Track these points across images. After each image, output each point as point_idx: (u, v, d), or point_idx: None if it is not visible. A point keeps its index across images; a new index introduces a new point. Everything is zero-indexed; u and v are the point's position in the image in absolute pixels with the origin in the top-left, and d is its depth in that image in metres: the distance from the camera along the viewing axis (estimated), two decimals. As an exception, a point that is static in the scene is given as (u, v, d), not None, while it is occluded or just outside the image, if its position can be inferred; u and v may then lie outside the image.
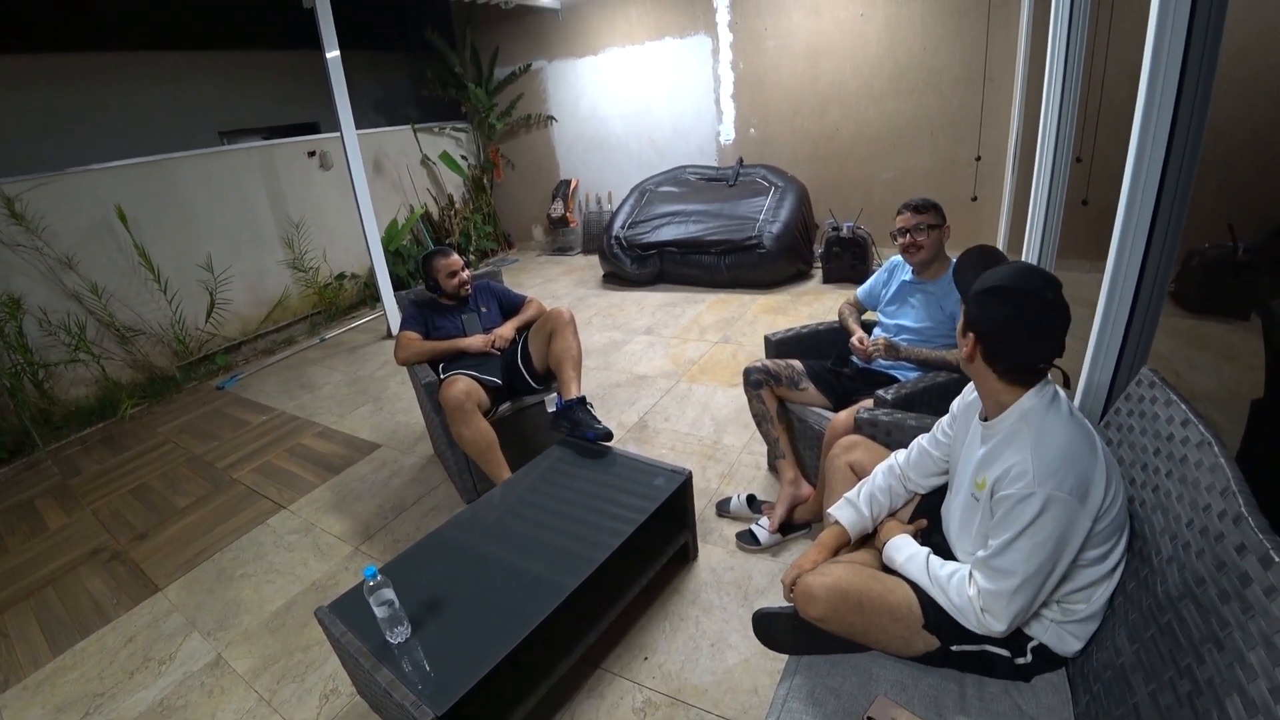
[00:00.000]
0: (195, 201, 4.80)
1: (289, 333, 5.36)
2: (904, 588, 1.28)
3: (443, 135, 7.09)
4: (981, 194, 4.88)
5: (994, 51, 4.65)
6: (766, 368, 2.38)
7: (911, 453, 1.59)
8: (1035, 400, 1.22)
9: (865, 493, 1.56)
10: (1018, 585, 1.14)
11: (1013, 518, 1.14)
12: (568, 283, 6.13)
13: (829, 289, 5.10)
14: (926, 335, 2.29)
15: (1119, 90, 3.41)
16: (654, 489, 2.01)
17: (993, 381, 1.25)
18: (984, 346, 1.23)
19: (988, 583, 1.17)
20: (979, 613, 1.18)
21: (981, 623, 1.19)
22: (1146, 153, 2.01)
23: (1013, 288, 1.18)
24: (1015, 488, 1.14)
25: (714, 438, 3.03)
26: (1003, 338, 1.21)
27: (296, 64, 6.28)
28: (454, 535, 1.91)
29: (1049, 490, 1.10)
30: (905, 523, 1.57)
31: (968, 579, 1.22)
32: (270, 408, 4.01)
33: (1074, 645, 1.23)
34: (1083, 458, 1.14)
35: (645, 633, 1.95)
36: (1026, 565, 1.13)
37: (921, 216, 2.20)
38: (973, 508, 1.31)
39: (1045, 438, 1.16)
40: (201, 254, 4.80)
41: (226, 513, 2.89)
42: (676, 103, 6.26)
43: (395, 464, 3.11)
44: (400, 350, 2.71)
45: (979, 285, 1.24)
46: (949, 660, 1.27)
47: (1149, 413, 1.36)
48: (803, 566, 1.42)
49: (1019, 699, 1.22)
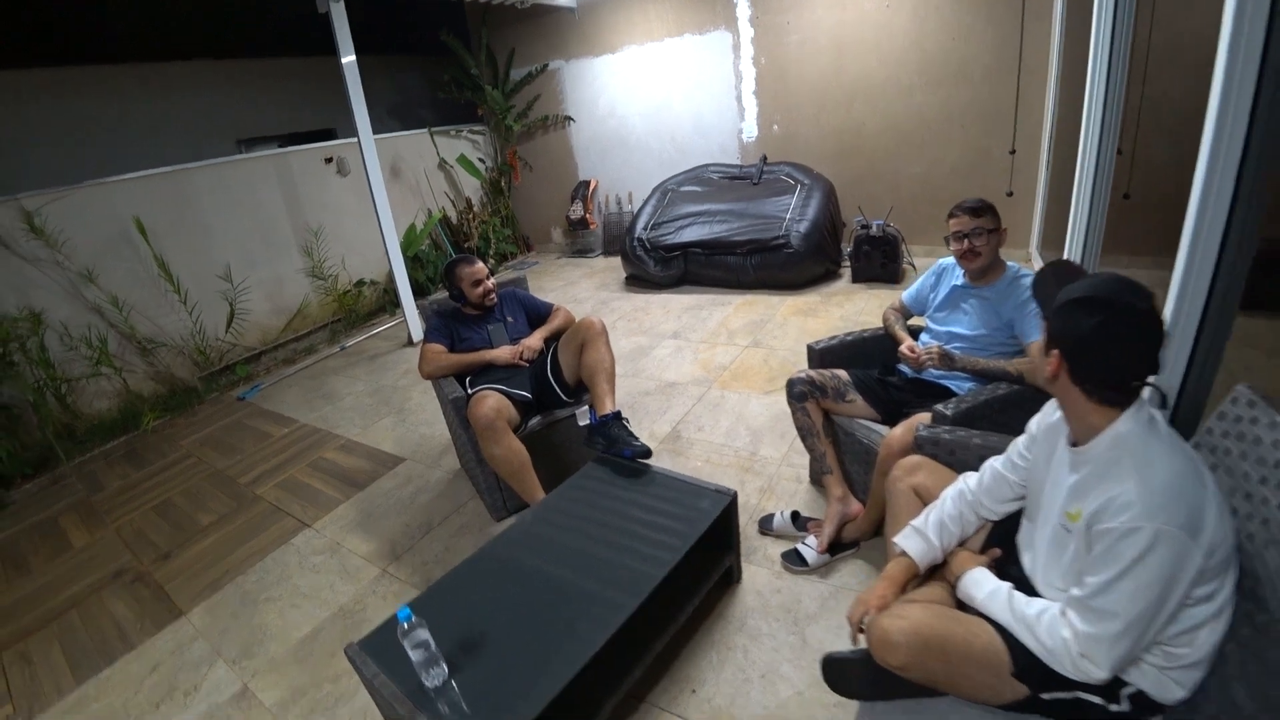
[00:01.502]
0: (213, 211, 4.76)
1: (309, 341, 5.31)
2: (989, 631, 1.17)
3: (459, 138, 7.02)
4: (1017, 188, 4.70)
5: (1028, 40, 4.46)
6: (811, 379, 2.26)
7: (984, 476, 1.46)
8: (1132, 423, 1.10)
9: (934, 520, 1.44)
10: (1122, 629, 1.02)
11: (1115, 554, 1.02)
12: (589, 286, 6.03)
13: (859, 289, 4.95)
14: (981, 344, 2.15)
15: (1162, 79, 3.24)
16: (698, 511, 1.90)
17: (1081, 402, 1.14)
18: (1071, 364, 1.12)
19: (1087, 625, 1.06)
20: (1076, 657, 1.06)
21: (1079, 668, 1.07)
22: (1223, 143, 1.86)
23: (1101, 298, 1.08)
24: (1119, 521, 1.03)
25: (751, 449, 2.91)
26: (1092, 353, 1.10)
27: (312, 70, 6.26)
28: (488, 563, 1.81)
29: (1158, 524, 0.99)
30: (977, 552, 1.45)
31: (1060, 619, 1.10)
32: (292, 419, 3.95)
33: (1177, 693, 1.10)
34: (1192, 487, 1.03)
35: (690, 663, 1.84)
36: (1131, 607, 1.01)
37: (979, 220, 2.05)
38: (1063, 540, 1.19)
39: (1150, 465, 1.05)
40: (220, 264, 4.76)
41: (250, 531, 2.82)
42: (697, 100, 6.13)
43: (421, 479, 3.03)
44: (425, 364, 2.62)
45: (1063, 297, 1.13)
46: (1037, 708, 1.15)
47: (1249, 434, 1.21)
48: (870, 604, 1.32)
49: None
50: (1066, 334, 1.11)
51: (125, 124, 5.12)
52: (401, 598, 2.24)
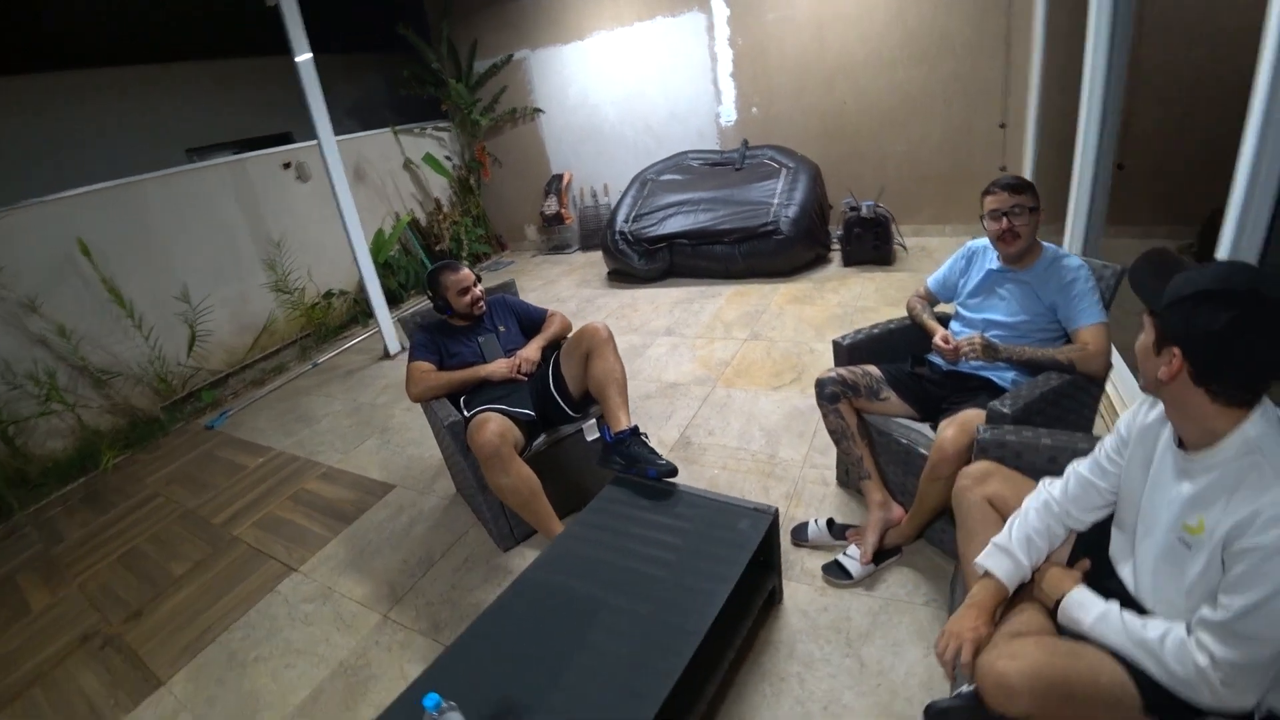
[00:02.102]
0: (165, 226, 4.41)
1: (279, 359, 4.99)
2: (1111, 664, 1.04)
3: (424, 136, 6.70)
4: (1009, 163, 4.59)
5: (1016, 12, 4.34)
6: (842, 378, 2.08)
7: (1069, 484, 1.32)
8: (1263, 425, 0.98)
9: (1019, 536, 1.29)
10: (1274, 653, 0.92)
11: (1264, 573, 0.91)
12: (570, 283, 5.80)
13: (851, 273, 4.81)
14: (1022, 330, 2.00)
15: (1152, 47, 3.13)
16: (739, 533, 1.71)
17: (1204, 405, 1.01)
18: (1196, 364, 0.99)
19: (1230, 650, 0.94)
20: (1216, 686, 0.95)
21: (1219, 698, 0.95)
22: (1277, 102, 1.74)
23: (1236, 290, 0.95)
24: (1268, 537, 0.90)
25: (768, 451, 2.74)
26: (1226, 352, 0.96)
27: (263, 71, 5.88)
28: (512, 613, 1.60)
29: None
30: (1065, 565, 1.30)
31: (1189, 644, 0.98)
32: (266, 447, 3.67)
33: None
34: None
35: (744, 701, 1.66)
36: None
37: (1019, 198, 1.89)
38: (1179, 555, 1.06)
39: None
40: (177, 283, 4.42)
41: (230, 579, 2.56)
42: (672, 85, 5.91)
43: (414, 507, 2.80)
44: (413, 385, 2.38)
45: (1183, 290, 1.00)
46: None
47: None
48: (965, 637, 1.17)
49: None
50: (1193, 331, 0.99)
51: (62, 137, 4.73)
52: (408, 648, 2.02)
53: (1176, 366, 1.00)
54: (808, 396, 3.11)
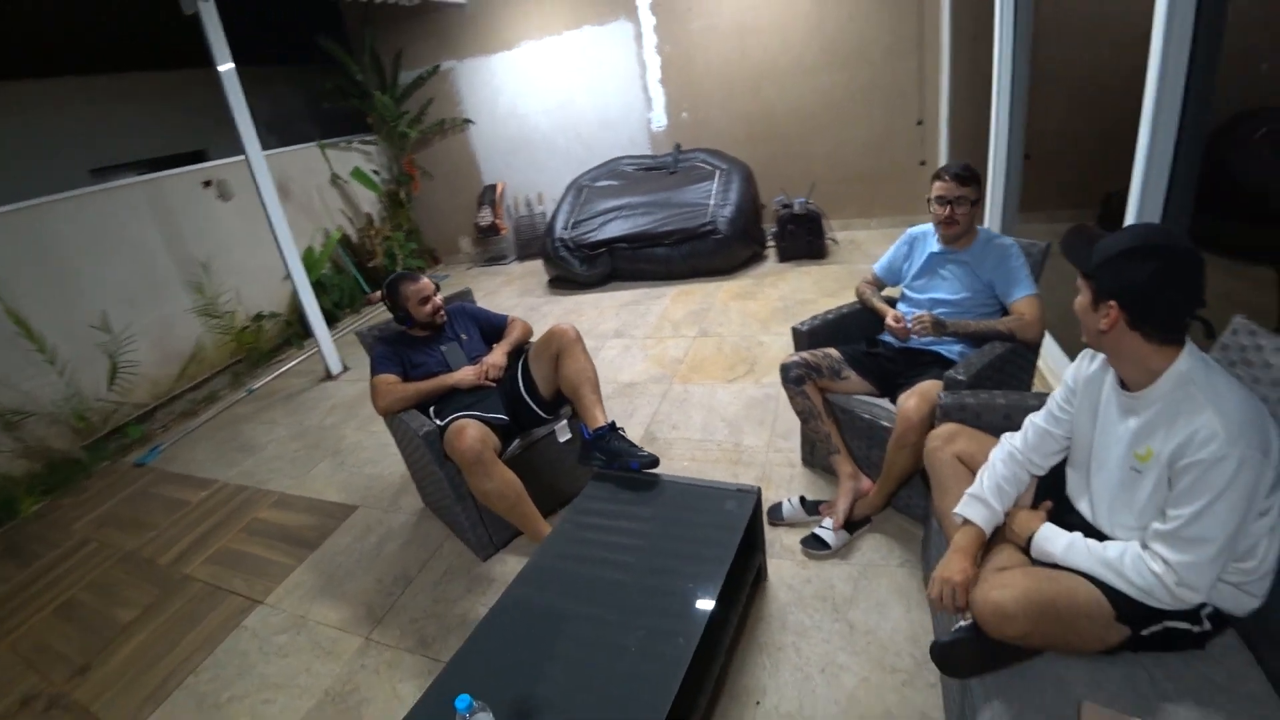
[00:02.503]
0: (76, 252, 4.09)
1: (209, 388, 4.71)
2: (1084, 583, 1.18)
3: (351, 150, 6.49)
4: (928, 158, 4.90)
5: (926, 18, 4.65)
6: (805, 360, 2.19)
7: (1027, 434, 1.47)
8: (1190, 360, 1.15)
9: (990, 485, 1.42)
10: (1216, 552, 1.08)
11: (1205, 483, 1.07)
12: (511, 293, 5.76)
13: (787, 268, 5.01)
14: (965, 306, 2.17)
15: (1049, 49, 3.47)
16: (726, 514, 1.77)
17: (1141, 347, 1.18)
18: (1130, 311, 1.15)
19: (1181, 554, 1.09)
20: (1173, 587, 1.10)
21: (1177, 597, 1.11)
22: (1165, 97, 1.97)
23: (1151, 244, 1.14)
24: (1206, 452, 1.07)
25: (732, 440, 2.82)
26: (1152, 297, 1.14)
27: (171, 86, 5.56)
28: (512, 616, 1.59)
29: (1242, 450, 1.05)
30: (1030, 508, 1.44)
31: (1144, 555, 1.14)
32: (209, 480, 3.46)
33: (1251, 604, 1.17)
34: (1258, 411, 1.09)
35: (746, 674, 1.72)
36: (1223, 530, 1.07)
37: (964, 189, 2.05)
38: (1133, 481, 1.22)
39: (1221, 396, 1.10)
40: (92, 312, 4.10)
41: (188, 621, 2.41)
42: (602, 93, 5.99)
43: (381, 526, 2.72)
44: (380, 399, 2.33)
45: (1108, 251, 1.17)
46: (1138, 646, 1.18)
47: (1258, 360, 1.30)
48: (955, 580, 1.29)
49: (1204, 669, 1.16)
50: (1124, 283, 1.15)
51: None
52: (398, 667, 1.97)
53: (1114, 317, 1.16)
54: (763, 386, 3.23)
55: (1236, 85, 2.05)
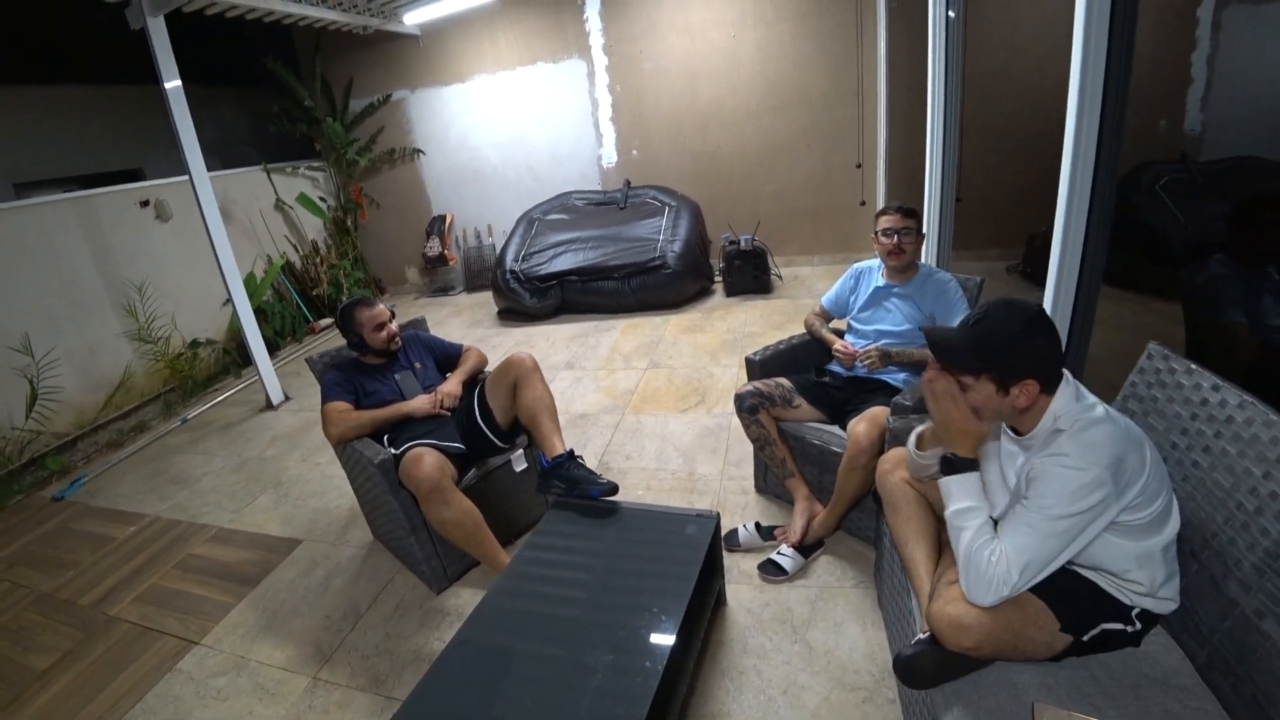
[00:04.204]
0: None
1: (138, 417, 4.46)
2: (1031, 597, 1.25)
3: (297, 175, 6.37)
4: (867, 198, 5.19)
5: (865, 68, 4.97)
6: (759, 390, 2.28)
7: None
8: (1062, 398, 1.28)
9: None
10: (1031, 547, 1.21)
11: (1046, 477, 1.22)
12: (459, 324, 5.72)
13: (734, 301, 5.17)
14: (908, 337, 2.31)
15: (976, 101, 3.79)
16: (687, 539, 1.82)
17: (1041, 401, 1.29)
18: (1043, 378, 1.27)
19: (1008, 539, 1.24)
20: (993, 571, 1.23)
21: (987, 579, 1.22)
22: (1082, 149, 2.18)
23: (1026, 315, 1.27)
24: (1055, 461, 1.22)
25: (686, 469, 2.88)
26: (1054, 357, 1.29)
27: (108, 102, 5.35)
28: (468, 653, 1.56)
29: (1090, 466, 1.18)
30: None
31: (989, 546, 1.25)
32: (137, 514, 3.27)
33: (1169, 606, 1.29)
34: (1114, 435, 1.22)
35: (709, 699, 1.75)
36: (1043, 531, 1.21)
37: (909, 221, 2.22)
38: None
39: (1080, 423, 1.24)
40: (13, 333, 3.85)
41: (114, 665, 2.25)
42: (554, 128, 6.11)
43: (328, 560, 2.63)
44: (331, 426, 2.28)
45: (994, 340, 1.27)
46: (1082, 650, 1.27)
47: (1170, 383, 1.45)
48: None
49: (1141, 667, 1.25)
50: (1031, 360, 1.27)
51: None
52: (348, 707, 1.90)
53: (1034, 389, 1.26)
54: (714, 416, 3.31)
55: (1139, 139, 2.29)
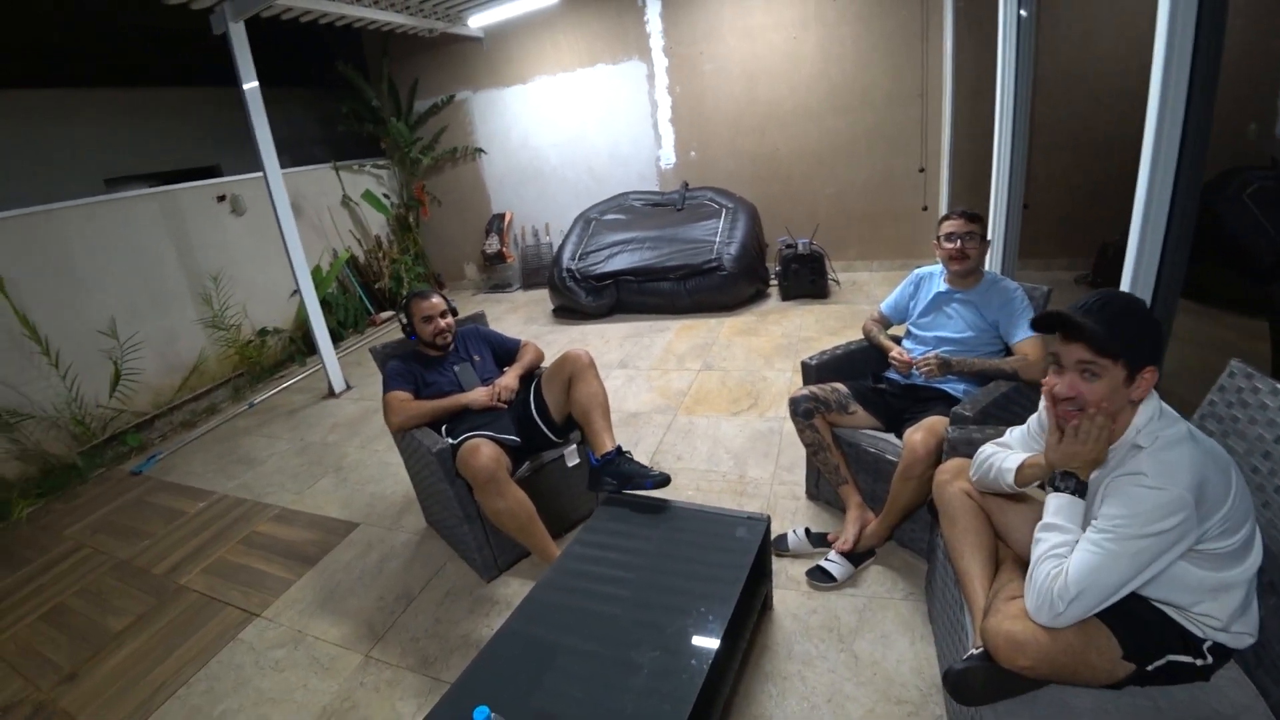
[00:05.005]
0: (87, 258, 4.13)
1: (210, 400, 4.70)
2: (1093, 619, 1.18)
3: (363, 173, 6.60)
4: (930, 204, 5.04)
5: (930, 69, 4.84)
6: (814, 394, 2.23)
7: (1011, 438, 1.52)
8: (1144, 413, 1.21)
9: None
10: (1103, 567, 1.14)
11: (1122, 496, 1.16)
12: (515, 320, 5.81)
13: (790, 306, 5.09)
14: (970, 345, 2.22)
15: (1050, 104, 3.62)
16: (736, 541, 1.79)
17: (1128, 412, 1.22)
18: (1160, 365, 1.19)
19: (1077, 558, 1.17)
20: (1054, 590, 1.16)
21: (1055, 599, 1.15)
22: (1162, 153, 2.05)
23: (1137, 301, 1.22)
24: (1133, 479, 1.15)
25: (737, 472, 2.84)
26: (1160, 348, 1.21)
27: (190, 103, 5.68)
28: (516, 643, 1.57)
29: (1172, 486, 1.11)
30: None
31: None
32: (207, 491, 3.44)
33: (1245, 640, 1.20)
34: (1200, 456, 1.14)
35: (753, 703, 1.72)
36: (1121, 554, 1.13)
37: (973, 225, 2.14)
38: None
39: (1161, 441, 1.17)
40: (101, 318, 4.12)
41: (181, 631, 2.37)
42: (613, 129, 6.14)
43: (383, 544, 2.70)
44: (393, 415, 2.35)
45: (1122, 322, 1.18)
46: (1145, 680, 1.19)
47: (1254, 403, 1.35)
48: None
49: (1210, 701, 1.19)
50: (1158, 345, 1.20)
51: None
52: (397, 686, 1.95)
53: (1151, 379, 1.18)
54: (767, 420, 3.26)
55: (1226, 143, 2.14)
